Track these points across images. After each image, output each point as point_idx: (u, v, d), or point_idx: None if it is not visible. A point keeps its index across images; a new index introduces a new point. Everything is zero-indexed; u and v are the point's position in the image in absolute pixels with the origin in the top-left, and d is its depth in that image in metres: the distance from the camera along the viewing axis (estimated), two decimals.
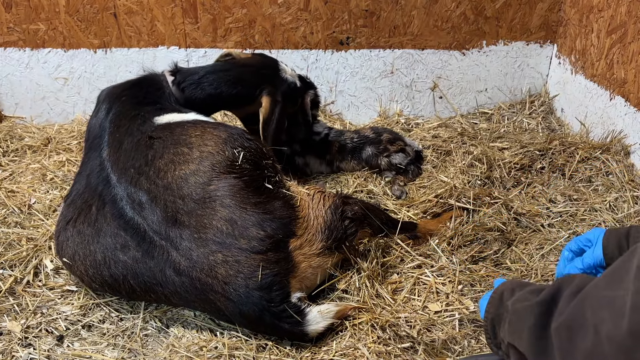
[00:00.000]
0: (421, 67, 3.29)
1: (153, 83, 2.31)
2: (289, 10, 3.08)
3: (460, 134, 2.99)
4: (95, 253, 1.76)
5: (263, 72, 2.43)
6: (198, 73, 2.35)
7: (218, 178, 1.76)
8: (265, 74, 2.42)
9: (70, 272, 1.89)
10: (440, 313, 1.79)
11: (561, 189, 2.41)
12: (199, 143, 1.87)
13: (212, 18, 3.09)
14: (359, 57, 3.24)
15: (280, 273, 1.66)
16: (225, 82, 2.34)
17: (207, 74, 2.35)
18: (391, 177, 2.67)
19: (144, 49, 3.17)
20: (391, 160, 2.71)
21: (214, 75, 2.36)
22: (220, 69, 2.40)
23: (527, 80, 3.39)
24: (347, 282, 1.87)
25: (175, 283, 1.68)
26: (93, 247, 1.77)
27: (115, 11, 3.06)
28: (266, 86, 2.37)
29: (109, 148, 1.94)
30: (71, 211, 1.88)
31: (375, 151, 2.74)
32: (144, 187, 1.77)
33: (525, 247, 2.09)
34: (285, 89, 2.44)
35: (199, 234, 1.67)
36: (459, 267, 1.97)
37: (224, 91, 2.34)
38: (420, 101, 3.39)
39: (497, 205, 2.22)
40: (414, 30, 3.17)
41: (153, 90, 2.27)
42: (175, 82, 2.31)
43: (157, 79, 2.33)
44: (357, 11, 3.10)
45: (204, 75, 2.34)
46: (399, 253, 2.04)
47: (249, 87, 2.37)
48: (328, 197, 1.93)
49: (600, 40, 2.79)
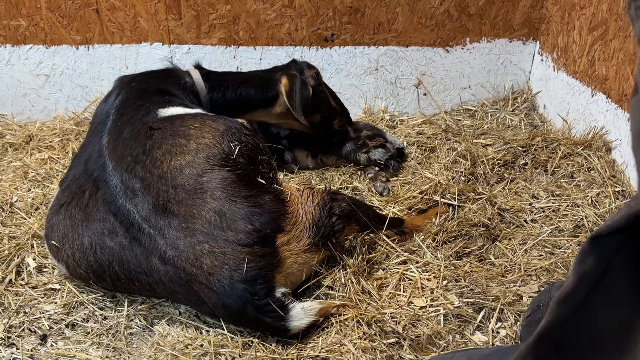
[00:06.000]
0: (405, 64, 3.30)
1: (170, 76, 2.38)
2: (274, 7, 3.07)
3: (444, 131, 3.00)
4: (82, 237, 1.76)
5: (274, 68, 2.68)
6: (226, 75, 2.56)
7: (212, 170, 1.77)
8: (276, 68, 2.66)
9: (56, 258, 1.87)
10: (425, 308, 1.80)
11: (544, 185, 2.44)
12: (196, 135, 1.89)
13: (196, 14, 3.07)
14: (344, 53, 3.24)
15: (265, 267, 1.66)
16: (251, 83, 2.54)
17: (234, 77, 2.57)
18: (373, 174, 2.68)
19: (126, 45, 3.14)
20: (370, 156, 2.71)
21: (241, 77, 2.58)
22: (246, 74, 2.67)
23: (510, 77, 3.42)
24: (332, 278, 1.87)
25: (160, 272, 1.68)
26: (82, 230, 1.77)
27: (98, 7, 3.03)
28: (281, 72, 2.58)
29: (109, 135, 1.96)
30: (65, 195, 1.88)
31: (354, 147, 2.74)
32: (138, 175, 1.78)
33: (508, 243, 2.11)
34: (297, 67, 2.61)
35: (187, 223, 1.67)
36: (444, 262, 1.98)
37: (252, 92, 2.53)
38: (404, 98, 3.41)
39: (482, 201, 2.24)
40: (398, 27, 3.18)
41: (167, 83, 2.32)
42: (205, 80, 2.42)
43: (177, 73, 2.41)
44: (342, 8, 3.10)
45: (232, 77, 2.56)
46: (384, 249, 2.05)
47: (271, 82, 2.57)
48: (317, 193, 1.94)
49: (582, 37, 2.83)
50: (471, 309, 1.79)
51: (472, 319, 1.75)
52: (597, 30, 2.69)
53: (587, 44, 2.78)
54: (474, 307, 1.79)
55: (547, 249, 2.07)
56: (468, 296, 1.83)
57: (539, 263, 1.97)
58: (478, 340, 1.68)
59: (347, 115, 2.80)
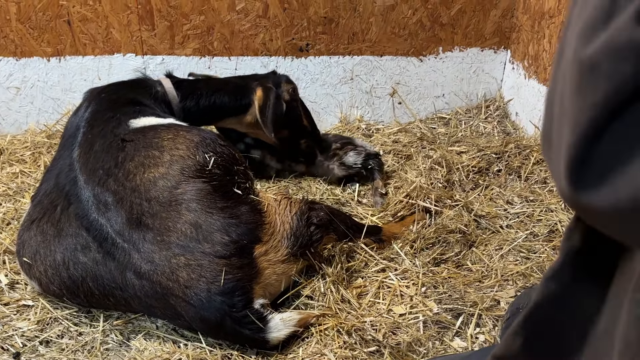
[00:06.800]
0: (380, 73, 3.33)
1: (141, 86, 2.33)
2: (248, 17, 3.08)
3: (419, 139, 3.03)
4: (55, 253, 1.73)
5: (252, 75, 2.65)
6: (198, 83, 2.51)
7: (186, 182, 1.75)
8: (254, 76, 2.63)
9: (28, 275, 1.83)
10: (405, 315, 1.81)
11: (517, 191, 2.47)
12: (170, 146, 1.86)
13: (169, 25, 3.05)
14: (319, 63, 3.25)
15: (243, 278, 1.65)
16: (225, 91, 2.49)
17: (207, 84, 2.52)
18: (356, 187, 2.66)
19: (99, 56, 3.11)
20: (345, 162, 2.69)
21: (214, 84, 2.53)
22: (219, 81, 2.61)
23: (482, 85, 3.47)
24: (312, 288, 1.87)
25: (136, 286, 1.65)
26: (54, 246, 1.73)
27: (69, 19, 2.99)
28: (257, 82, 2.53)
29: (80, 149, 1.91)
30: (37, 211, 1.84)
31: (324, 158, 2.74)
32: (111, 189, 1.75)
33: (485, 248, 2.13)
34: (275, 79, 2.57)
35: (162, 236, 1.65)
36: (422, 269, 2.00)
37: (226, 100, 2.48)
38: (380, 107, 3.43)
39: (458, 207, 2.26)
40: (372, 37, 3.21)
41: (138, 93, 2.27)
42: (176, 88, 2.37)
43: (148, 83, 2.36)
44: (316, 18, 3.12)
45: (205, 84, 2.51)
46: (363, 257, 2.05)
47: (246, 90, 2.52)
48: (294, 203, 1.93)
49: (552, 45, 2.89)
50: (450, 315, 1.80)
51: (451, 325, 1.76)
52: None
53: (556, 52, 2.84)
54: (452, 313, 1.81)
55: (523, 253, 2.10)
56: (447, 302, 1.85)
57: (515, 268, 1.99)
58: (457, 346, 1.69)
59: (317, 137, 2.77)
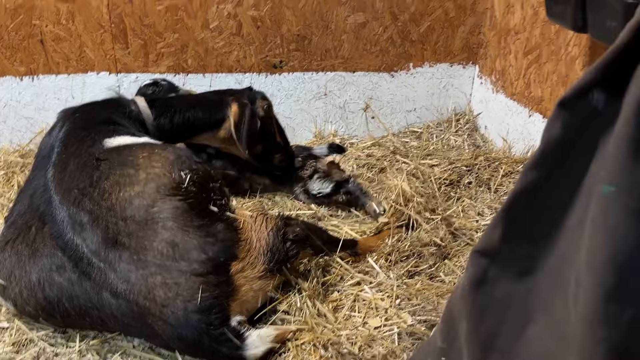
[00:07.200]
0: (353, 88, 3.39)
1: (115, 105, 2.33)
2: (222, 35, 3.11)
3: (392, 152, 3.09)
4: (30, 274, 1.71)
5: (228, 90, 2.66)
6: (172, 100, 2.50)
7: (162, 200, 1.75)
8: (230, 91, 2.63)
9: (3, 296, 1.81)
10: (380, 328, 1.84)
11: (488, 202, 2.54)
12: (146, 165, 1.86)
13: (143, 43, 3.07)
14: (293, 79, 3.30)
15: (220, 296, 1.66)
16: (199, 107, 2.49)
17: (180, 100, 2.51)
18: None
19: (72, 75, 3.10)
20: (308, 189, 2.67)
21: (188, 101, 2.53)
22: (192, 97, 2.62)
23: (452, 99, 3.56)
24: (288, 303, 1.89)
25: (112, 306, 1.65)
26: (29, 267, 1.71)
27: (42, 38, 2.98)
28: (233, 97, 2.54)
29: (54, 169, 1.90)
30: (11, 232, 1.82)
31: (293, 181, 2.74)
32: (86, 208, 1.74)
33: (457, 260, 2.18)
34: (250, 96, 2.58)
35: (139, 255, 1.64)
36: (396, 282, 2.03)
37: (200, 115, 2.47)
38: (353, 121, 3.49)
39: (435, 222, 2.28)
40: (344, 53, 3.27)
41: (112, 112, 2.27)
42: (150, 107, 2.37)
43: (122, 102, 2.35)
44: (289, 35, 3.17)
45: (179, 101, 2.50)
46: (338, 271, 2.08)
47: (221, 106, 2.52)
48: (270, 219, 1.95)
49: (518, 60, 2.99)
50: (424, 326, 1.84)
51: (425, 336, 1.80)
52: (531, 54, 2.85)
53: (522, 67, 2.94)
54: (426, 325, 1.84)
55: None
56: (420, 314, 1.88)
57: None
58: None
59: (290, 153, 2.78)
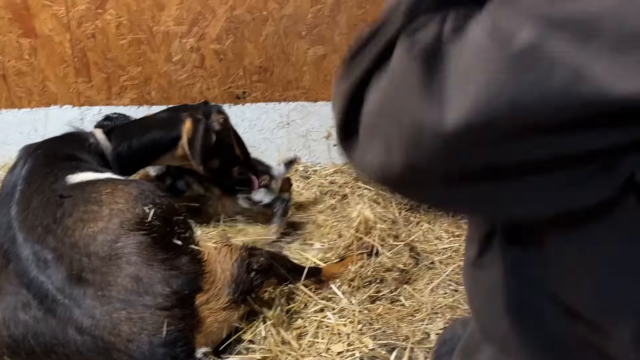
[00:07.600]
0: (315, 117, 3.47)
1: (75, 139, 2.32)
2: (185, 68, 3.17)
3: (354, 179, 3.18)
4: None
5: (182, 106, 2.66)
6: (128, 125, 2.47)
7: (126, 235, 1.76)
8: (185, 107, 2.63)
9: None
10: (343, 353, 1.89)
11: (445, 227, 2.64)
12: (109, 201, 1.87)
13: (106, 77, 3.10)
14: (256, 109, 3.37)
15: (185, 329, 1.68)
16: (155, 127, 2.45)
17: (136, 124, 2.50)
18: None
19: (35, 109, 3.11)
20: (251, 197, 2.68)
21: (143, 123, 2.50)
22: (148, 119, 2.56)
23: None
24: (253, 332, 1.93)
25: (77, 342, 1.65)
26: None
27: (4, 73, 2.99)
28: (187, 112, 2.50)
29: (17, 206, 1.90)
30: None
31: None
32: (50, 246, 1.74)
33: (417, 283, 2.26)
34: (205, 110, 2.55)
35: (103, 291, 1.66)
36: (358, 307, 2.10)
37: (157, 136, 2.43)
38: (316, 149, 3.57)
39: (399, 247, 2.34)
40: (306, 84, 3.36)
41: (73, 147, 2.26)
42: (108, 137, 2.35)
43: (82, 136, 2.34)
44: (251, 67, 3.25)
45: (135, 125, 2.48)
46: (302, 298, 2.13)
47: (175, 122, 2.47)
48: (235, 249, 1.99)
49: None
50: (384, 349, 1.90)
51: None
52: None
53: None
54: (387, 348, 1.91)
55: (452, 287, 2.24)
56: (381, 338, 1.95)
57: (444, 301, 2.13)
58: None
59: (250, 165, 2.77)
